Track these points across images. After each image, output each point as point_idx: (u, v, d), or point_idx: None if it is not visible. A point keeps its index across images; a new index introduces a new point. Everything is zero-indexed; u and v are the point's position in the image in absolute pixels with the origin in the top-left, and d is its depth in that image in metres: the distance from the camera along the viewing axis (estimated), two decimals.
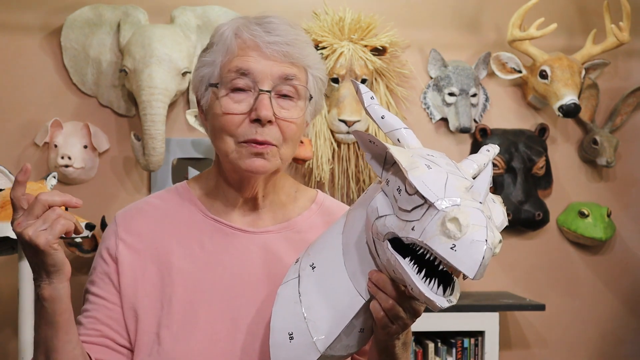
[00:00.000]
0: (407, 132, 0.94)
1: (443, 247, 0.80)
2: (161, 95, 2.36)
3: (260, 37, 1.10)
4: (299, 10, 2.67)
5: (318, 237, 1.07)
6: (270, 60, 1.10)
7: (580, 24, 2.88)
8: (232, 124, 1.10)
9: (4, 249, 2.16)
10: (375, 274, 0.95)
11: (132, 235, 1.17)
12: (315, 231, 1.20)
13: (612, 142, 2.81)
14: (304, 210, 1.24)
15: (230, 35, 1.12)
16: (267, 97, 1.09)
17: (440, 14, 2.81)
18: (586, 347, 2.93)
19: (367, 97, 0.96)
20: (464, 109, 2.68)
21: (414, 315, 0.98)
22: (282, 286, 1.03)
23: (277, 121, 1.10)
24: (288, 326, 0.99)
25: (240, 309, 1.13)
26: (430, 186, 0.84)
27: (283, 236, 1.20)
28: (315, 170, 2.60)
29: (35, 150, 2.56)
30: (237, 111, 1.10)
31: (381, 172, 0.95)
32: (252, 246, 1.18)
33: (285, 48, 1.10)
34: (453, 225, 0.80)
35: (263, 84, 1.10)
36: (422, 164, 0.86)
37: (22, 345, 2.04)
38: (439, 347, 2.53)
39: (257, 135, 1.09)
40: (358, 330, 0.99)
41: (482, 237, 0.80)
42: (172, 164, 2.61)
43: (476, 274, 0.79)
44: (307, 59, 1.14)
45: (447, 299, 0.85)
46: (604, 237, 2.80)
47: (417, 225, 0.84)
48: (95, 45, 2.56)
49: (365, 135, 0.94)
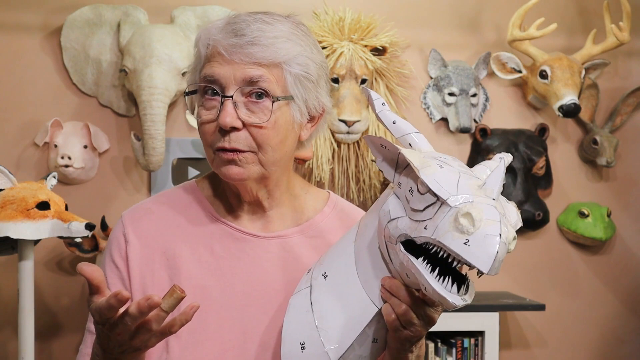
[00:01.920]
0: (418, 136, 0.95)
1: (456, 243, 0.80)
2: (161, 95, 2.36)
3: (221, 41, 1.05)
4: (299, 10, 2.63)
5: (331, 246, 1.06)
6: (232, 64, 1.04)
7: (580, 24, 2.88)
8: (206, 133, 1.08)
9: (4, 249, 2.16)
10: (388, 280, 0.94)
11: (141, 238, 1.13)
12: (335, 233, 1.17)
13: (612, 142, 2.81)
14: (317, 213, 1.20)
15: (199, 44, 1.09)
16: (230, 102, 1.04)
17: (440, 14, 2.81)
18: (586, 347, 2.93)
19: (378, 104, 0.96)
20: (464, 109, 2.68)
21: (428, 322, 0.97)
22: (294, 296, 1.02)
23: (247, 127, 1.05)
24: (300, 336, 0.98)
25: (251, 318, 1.11)
26: (442, 184, 0.84)
27: (300, 240, 1.17)
28: (315, 170, 2.60)
29: (35, 150, 2.56)
30: (208, 119, 1.07)
31: (393, 175, 0.94)
32: (264, 252, 1.14)
33: (247, 49, 1.04)
34: (466, 220, 0.80)
35: (228, 90, 1.05)
36: (434, 163, 0.86)
37: (22, 346, 2.04)
38: (439, 347, 2.53)
39: (225, 143, 1.05)
40: (371, 340, 0.98)
41: (496, 232, 0.79)
42: (172, 164, 2.61)
43: (490, 269, 0.79)
44: (279, 55, 1.05)
45: (461, 298, 0.85)
46: (604, 237, 2.80)
47: (429, 224, 0.84)
48: (95, 45, 2.56)
49: (377, 139, 0.94)
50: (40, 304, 2.46)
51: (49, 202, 2.07)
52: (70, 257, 2.57)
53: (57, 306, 2.57)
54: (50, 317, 2.56)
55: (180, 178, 2.60)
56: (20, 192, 2.07)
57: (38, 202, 2.05)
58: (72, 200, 2.38)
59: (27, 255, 2.07)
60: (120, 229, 1.15)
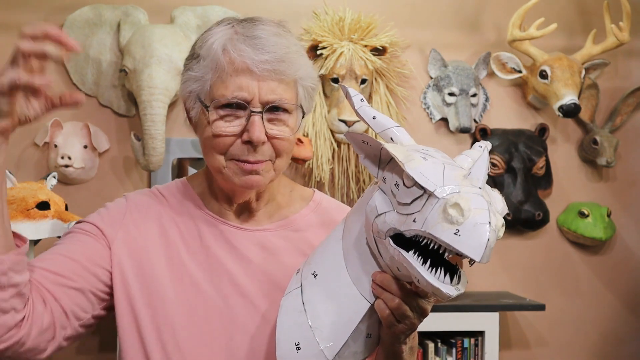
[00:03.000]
0: (399, 130, 0.95)
1: (446, 234, 0.80)
2: (161, 95, 2.36)
3: (249, 57, 1.07)
4: (299, 10, 2.67)
5: (318, 245, 1.07)
6: (260, 80, 1.07)
7: (580, 24, 2.88)
8: (222, 144, 1.09)
9: None
10: (379, 275, 0.95)
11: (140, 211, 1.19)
12: (312, 230, 1.20)
13: (612, 142, 2.81)
14: (301, 209, 1.24)
15: (219, 52, 1.08)
16: (259, 118, 1.07)
17: (440, 14, 2.81)
18: (586, 347, 2.93)
19: (357, 100, 0.96)
20: (464, 109, 2.68)
21: (422, 314, 0.98)
22: (285, 297, 1.03)
23: (270, 140, 1.10)
24: (294, 337, 0.98)
25: (238, 308, 1.13)
26: (428, 176, 0.84)
27: (280, 234, 1.20)
28: (315, 170, 2.60)
29: (35, 150, 2.56)
30: (228, 132, 1.09)
31: (377, 171, 0.95)
32: (248, 243, 1.18)
33: (276, 66, 1.07)
34: (455, 210, 0.80)
35: (254, 105, 1.08)
36: (418, 156, 0.87)
37: None
38: (439, 347, 2.53)
39: (250, 157, 1.09)
40: (365, 336, 0.99)
41: (485, 220, 0.80)
42: (172, 164, 2.61)
43: (482, 257, 0.79)
44: (298, 71, 1.11)
45: (455, 288, 0.85)
46: (604, 237, 2.80)
47: (418, 217, 0.84)
48: (95, 45, 2.56)
49: (358, 135, 0.94)
50: None
51: (49, 202, 2.07)
52: None
53: None
54: None
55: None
56: (20, 192, 2.07)
57: (38, 202, 2.05)
58: (72, 200, 2.38)
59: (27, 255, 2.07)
60: (123, 207, 1.19)
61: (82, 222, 1.18)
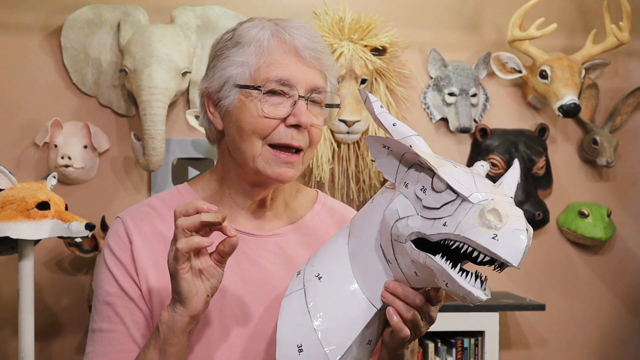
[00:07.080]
0: (418, 138, 0.95)
1: (484, 238, 0.81)
2: (161, 95, 2.36)
3: (300, 41, 1.10)
4: (299, 10, 2.67)
5: (320, 248, 1.06)
6: (307, 66, 1.10)
7: (580, 24, 2.88)
8: (267, 127, 1.08)
9: (4, 249, 2.16)
10: (392, 284, 0.95)
11: (143, 239, 1.13)
12: (327, 231, 1.19)
13: (612, 142, 2.81)
14: (308, 211, 1.23)
15: (268, 36, 1.10)
16: (305, 103, 1.09)
17: (440, 14, 2.81)
18: (586, 347, 2.93)
19: (376, 106, 0.97)
20: (464, 109, 2.68)
21: (430, 322, 0.99)
22: (286, 298, 1.02)
23: (308, 127, 1.11)
24: (296, 338, 0.97)
25: (254, 315, 1.12)
26: (461, 182, 0.86)
27: (295, 238, 1.18)
28: (315, 170, 2.60)
29: (35, 150, 2.56)
30: (275, 115, 1.08)
31: (394, 176, 0.95)
32: (262, 251, 1.15)
33: (319, 55, 1.11)
34: (492, 216, 0.81)
35: (301, 90, 1.09)
36: (449, 162, 0.89)
37: (22, 346, 2.03)
38: (439, 347, 2.53)
39: (293, 141, 1.09)
40: (367, 342, 0.99)
41: (523, 227, 0.81)
42: (172, 164, 2.61)
43: (520, 262, 0.81)
44: (331, 66, 1.15)
45: (484, 292, 0.86)
46: (604, 237, 2.80)
47: (449, 221, 0.85)
48: (95, 45, 2.56)
49: (380, 139, 0.95)
50: (40, 304, 2.46)
51: (49, 202, 2.07)
52: (70, 257, 2.57)
53: (57, 306, 2.57)
54: (50, 317, 2.56)
55: (180, 178, 2.60)
56: (20, 192, 2.07)
57: (38, 202, 2.05)
58: (72, 200, 2.38)
59: (27, 255, 2.07)
60: (122, 229, 1.14)
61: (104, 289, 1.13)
